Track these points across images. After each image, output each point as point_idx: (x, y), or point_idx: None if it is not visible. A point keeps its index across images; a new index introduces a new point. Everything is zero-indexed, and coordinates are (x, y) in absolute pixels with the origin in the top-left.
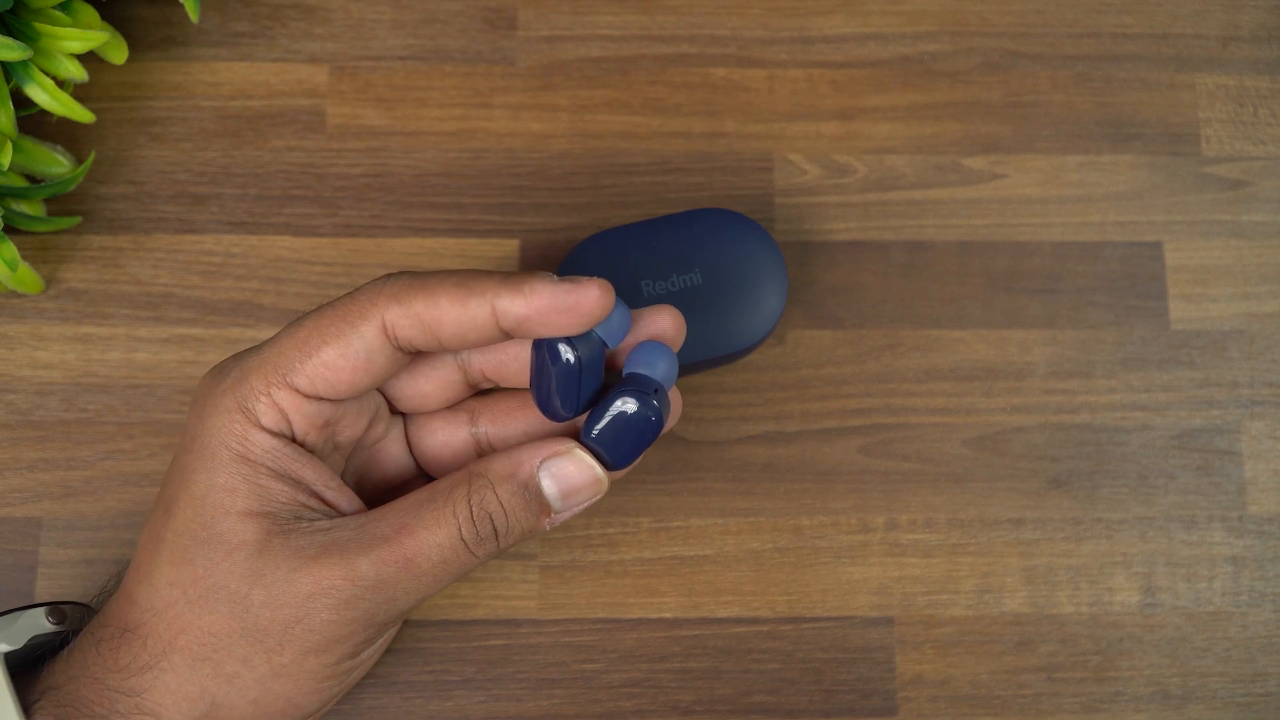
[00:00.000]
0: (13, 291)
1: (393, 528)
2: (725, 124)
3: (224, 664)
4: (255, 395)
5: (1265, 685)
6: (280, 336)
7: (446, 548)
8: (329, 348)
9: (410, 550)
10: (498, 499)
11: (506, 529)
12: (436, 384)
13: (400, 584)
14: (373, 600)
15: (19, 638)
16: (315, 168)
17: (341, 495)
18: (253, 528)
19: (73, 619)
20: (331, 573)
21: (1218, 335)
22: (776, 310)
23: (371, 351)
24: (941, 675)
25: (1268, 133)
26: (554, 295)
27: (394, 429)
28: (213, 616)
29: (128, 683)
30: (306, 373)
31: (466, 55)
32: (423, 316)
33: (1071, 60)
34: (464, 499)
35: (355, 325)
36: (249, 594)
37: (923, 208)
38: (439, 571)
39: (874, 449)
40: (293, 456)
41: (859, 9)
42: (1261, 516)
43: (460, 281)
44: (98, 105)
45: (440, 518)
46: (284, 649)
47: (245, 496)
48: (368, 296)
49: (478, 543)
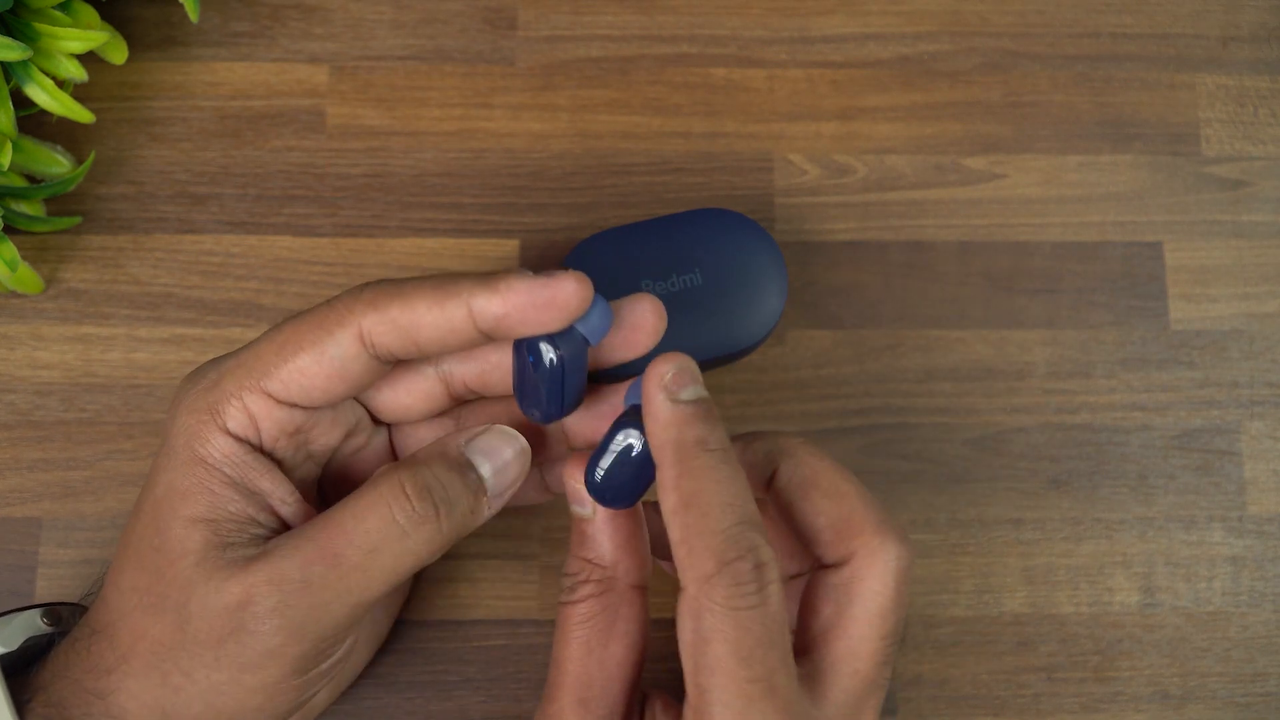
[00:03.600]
0: (13, 291)
1: (320, 527)
2: (725, 124)
3: (170, 675)
4: (227, 398)
5: (1265, 685)
6: (259, 341)
7: (376, 533)
8: (304, 354)
9: (337, 544)
10: (431, 473)
11: (448, 505)
12: (418, 397)
13: (329, 584)
14: (300, 606)
15: (13, 639)
16: (315, 168)
17: (298, 511)
18: (195, 536)
19: (68, 620)
20: (257, 579)
21: (1218, 335)
22: (776, 310)
23: (346, 359)
24: (941, 675)
25: (1268, 133)
26: (530, 291)
27: (377, 437)
28: (161, 625)
29: (98, 684)
30: (280, 378)
31: (466, 55)
32: (400, 322)
33: (1071, 60)
34: (395, 481)
35: (331, 332)
36: (187, 604)
37: (923, 208)
38: (369, 564)
39: (874, 449)
40: (252, 465)
41: (859, 9)
42: (1261, 516)
43: (436, 285)
44: (98, 105)
45: (369, 503)
46: (220, 665)
47: (194, 502)
48: (345, 304)
49: (416, 521)
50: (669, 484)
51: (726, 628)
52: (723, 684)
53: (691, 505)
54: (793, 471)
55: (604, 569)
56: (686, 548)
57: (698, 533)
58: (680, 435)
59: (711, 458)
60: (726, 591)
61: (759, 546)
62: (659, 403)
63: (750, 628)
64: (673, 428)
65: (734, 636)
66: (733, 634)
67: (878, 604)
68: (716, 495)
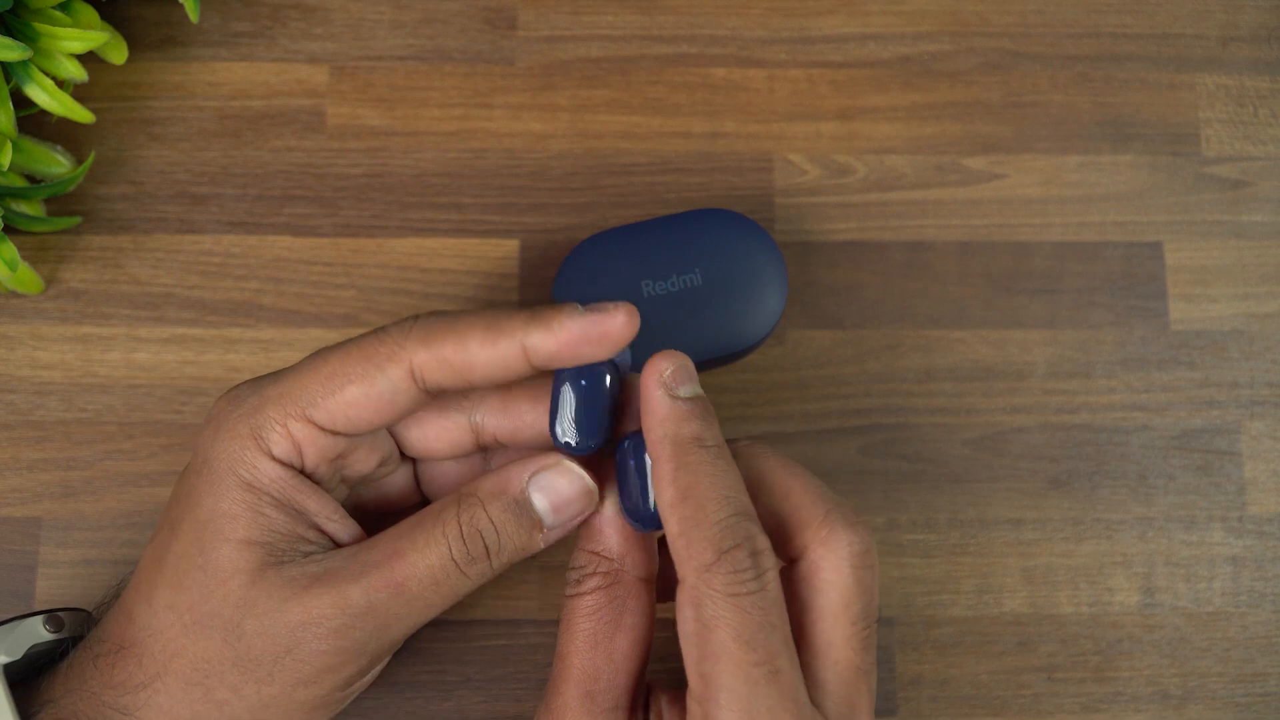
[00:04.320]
0: (13, 291)
1: (383, 553)
2: (725, 124)
3: (215, 690)
4: (271, 425)
5: (1265, 685)
6: (302, 368)
7: (437, 569)
8: (354, 386)
9: (400, 574)
10: (487, 516)
11: (498, 547)
12: (446, 444)
13: (391, 610)
14: (363, 629)
15: (18, 648)
16: (315, 168)
17: (343, 527)
18: (249, 556)
19: (71, 626)
20: (321, 602)
21: (1218, 335)
22: (776, 310)
23: (397, 394)
24: (941, 675)
25: (1268, 133)
26: (583, 328)
27: (405, 465)
28: (206, 643)
29: (122, 700)
30: (328, 408)
31: (466, 55)
32: (453, 361)
33: (1071, 60)
34: (454, 519)
35: (382, 367)
36: (241, 623)
37: (923, 208)
38: (430, 595)
39: (874, 449)
40: (298, 487)
41: (859, 9)
42: (1261, 516)
43: (489, 324)
44: (98, 105)
45: (430, 539)
46: (274, 679)
47: (246, 525)
48: (395, 339)
49: (469, 562)
50: (666, 478)
51: (728, 614)
52: (727, 669)
53: (688, 498)
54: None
55: (611, 561)
56: (685, 539)
57: (695, 524)
58: (677, 431)
59: (707, 453)
60: (726, 578)
61: (755, 535)
62: (657, 398)
63: (751, 612)
64: (670, 423)
65: (735, 621)
66: (734, 619)
67: (839, 593)
68: (713, 489)
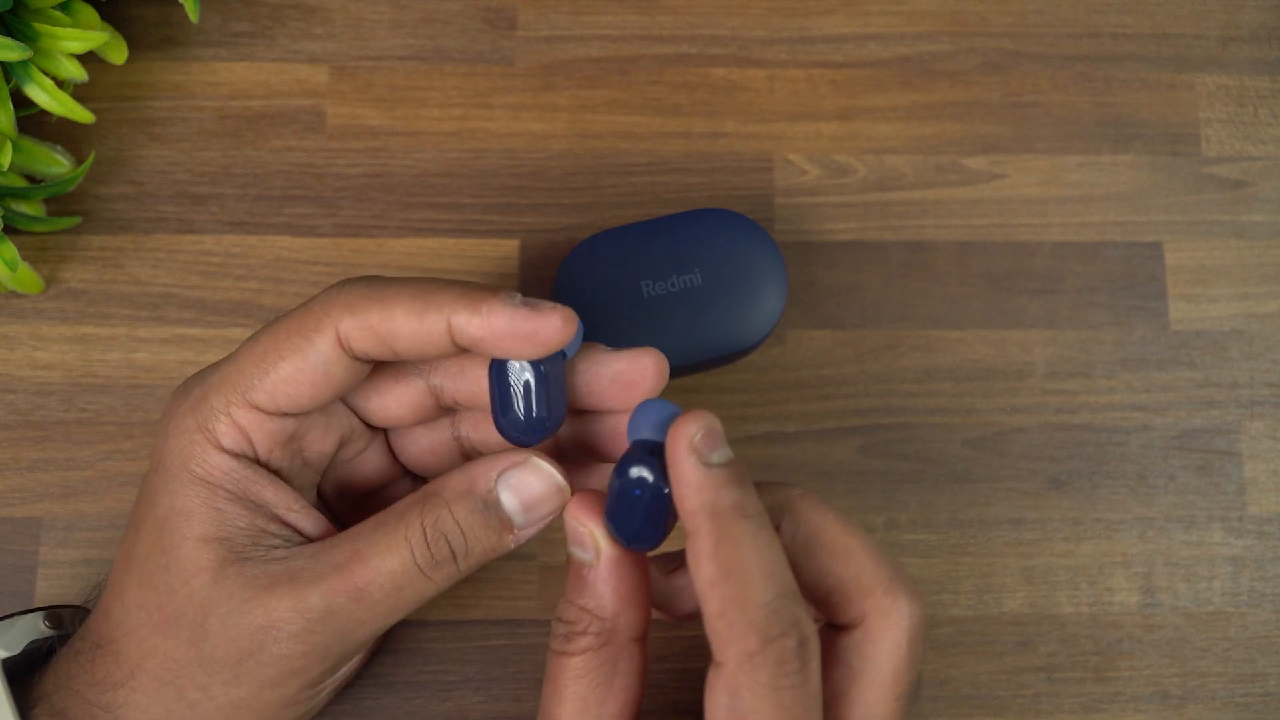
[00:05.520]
0: (13, 291)
1: (345, 555)
2: (725, 124)
3: (185, 691)
4: (215, 415)
5: (1265, 685)
6: (239, 352)
7: (399, 574)
8: (286, 363)
9: (361, 579)
10: (454, 518)
11: (465, 550)
12: (409, 409)
13: (352, 615)
14: (324, 633)
15: (16, 643)
16: (315, 168)
17: (306, 518)
18: (209, 554)
19: (70, 622)
20: (281, 604)
21: (1218, 335)
22: (776, 310)
23: (329, 364)
24: (941, 675)
25: (1268, 133)
26: (511, 320)
27: (375, 441)
28: (174, 643)
29: (104, 697)
30: (266, 389)
31: (466, 55)
32: (377, 329)
33: (1071, 60)
34: (417, 520)
35: (310, 339)
36: (205, 623)
37: (923, 208)
38: (393, 600)
39: (874, 449)
40: (252, 479)
41: (859, 9)
42: (1261, 516)
43: (417, 294)
44: (98, 105)
45: (392, 542)
46: (240, 681)
47: (202, 521)
48: (321, 307)
49: (433, 567)
50: (705, 553)
51: (766, 708)
52: None
53: (731, 576)
54: (795, 530)
55: (603, 620)
56: (726, 621)
57: (739, 606)
58: (716, 501)
59: (749, 524)
60: (771, 671)
61: (801, 620)
62: (690, 466)
63: (791, 708)
64: (707, 492)
65: (773, 717)
66: (772, 715)
67: (891, 666)
68: (757, 565)
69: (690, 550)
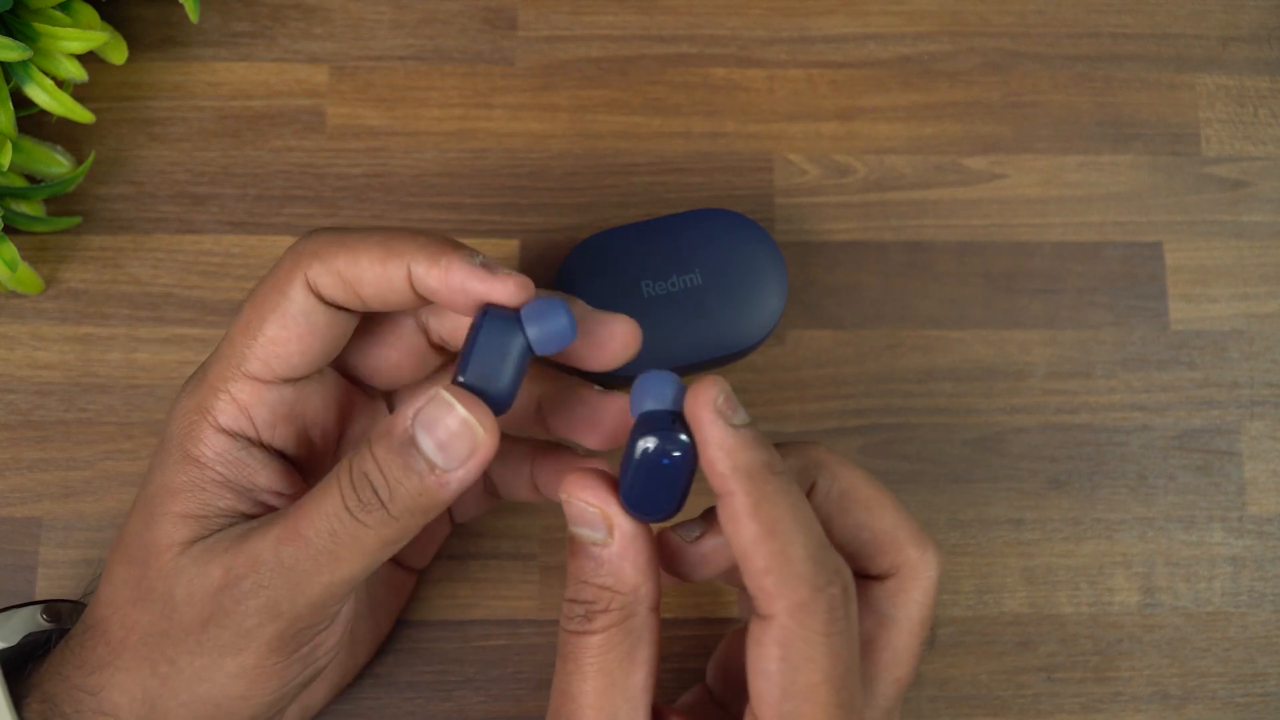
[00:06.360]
0: (13, 291)
1: (292, 509)
2: (725, 124)
3: (158, 664)
4: (215, 392)
5: (1265, 685)
6: (229, 329)
7: (332, 517)
8: (269, 324)
9: (300, 524)
10: (373, 458)
11: (389, 493)
12: (405, 352)
13: (299, 565)
14: (275, 586)
15: (12, 635)
16: (315, 168)
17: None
18: (183, 530)
19: (67, 617)
20: (237, 561)
21: (1218, 335)
22: (776, 310)
23: (308, 313)
24: (941, 675)
25: (1268, 133)
26: (466, 279)
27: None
28: (149, 616)
29: (89, 680)
30: (258, 356)
31: (466, 55)
32: (344, 274)
33: (1071, 60)
34: (346, 463)
35: (285, 292)
36: (172, 592)
37: (923, 208)
38: (332, 546)
39: (874, 449)
40: (246, 461)
41: (859, 9)
42: (1261, 516)
43: (382, 240)
44: (98, 105)
45: (325, 486)
46: (202, 649)
47: (184, 500)
48: (291, 259)
49: (362, 509)
50: (745, 512)
51: (820, 655)
52: (811, 712)
53: (775, 532)
54: (830, 486)
55: (625, 595)
56: (775, 576)
57: (785, 560)
58: (750, 462)
59: (781, 480)
60: (824, 618)
61: (841, 568)
62: (720, 428)
63: (842, 654)
64: (739, 454)
65: (827, 664)
66: (826, 661)
67: (920, 614)
68: (794, 520)
69: (725, 512)
